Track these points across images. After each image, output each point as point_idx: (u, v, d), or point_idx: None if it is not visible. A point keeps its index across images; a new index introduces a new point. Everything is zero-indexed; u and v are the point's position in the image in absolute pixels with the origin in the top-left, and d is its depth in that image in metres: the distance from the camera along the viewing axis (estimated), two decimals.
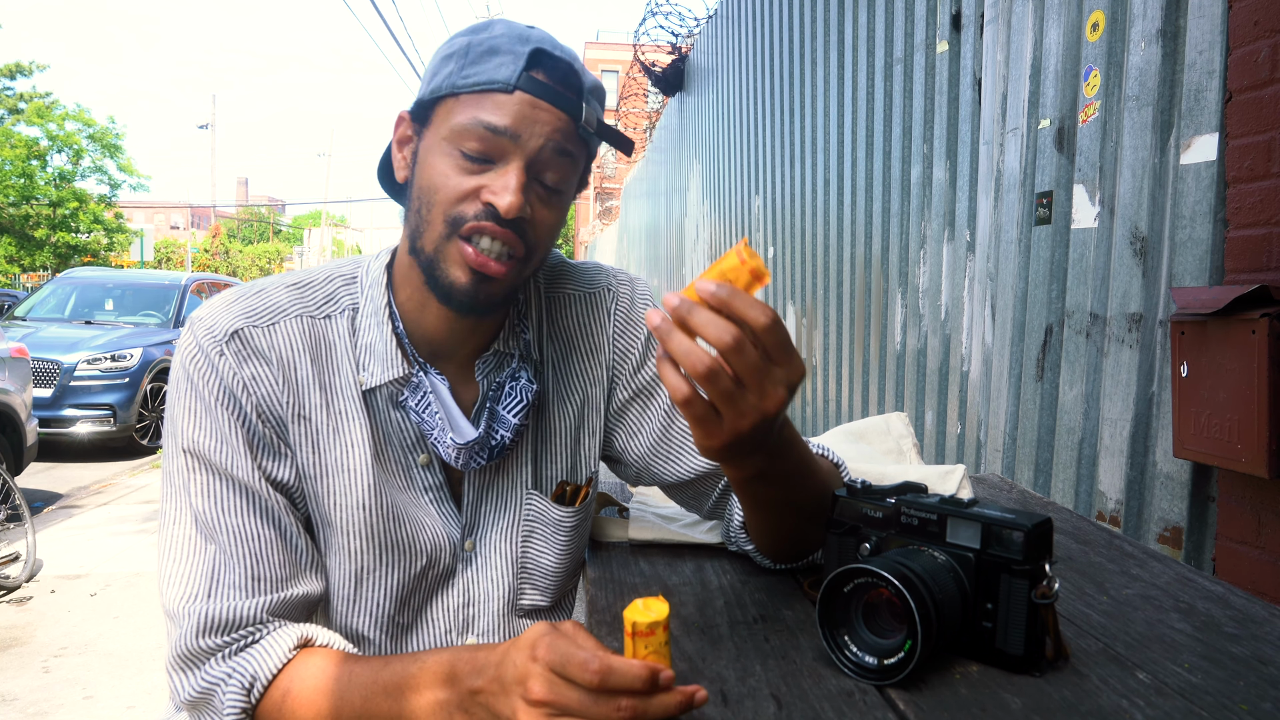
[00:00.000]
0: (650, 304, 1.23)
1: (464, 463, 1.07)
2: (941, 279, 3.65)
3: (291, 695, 0.90)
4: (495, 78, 0.97)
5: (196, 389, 0.99)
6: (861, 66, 4.47)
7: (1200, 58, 2.17)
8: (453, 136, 0.98)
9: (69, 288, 10.24)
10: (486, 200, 0.98)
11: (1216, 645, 0.94)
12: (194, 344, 1.00)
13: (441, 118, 1.00)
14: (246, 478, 0.99)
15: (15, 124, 23.90)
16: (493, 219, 0.98)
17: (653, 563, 1.21)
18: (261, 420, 1.01)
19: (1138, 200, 2.39)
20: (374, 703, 0.86)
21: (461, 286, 1.00)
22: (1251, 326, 1.92)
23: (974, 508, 0.90)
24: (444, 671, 0.83)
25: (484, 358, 1.11)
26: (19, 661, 3.71)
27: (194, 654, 0.94)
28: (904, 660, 0.81)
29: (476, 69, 0.98)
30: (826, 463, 1.13)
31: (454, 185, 0.98)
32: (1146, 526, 2.37)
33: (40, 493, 6.81)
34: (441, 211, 0.99)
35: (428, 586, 1.12)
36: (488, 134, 0.97)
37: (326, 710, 0.89)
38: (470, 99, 0.98)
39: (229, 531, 0.97)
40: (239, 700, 0.91)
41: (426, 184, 1.00)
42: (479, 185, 0.98)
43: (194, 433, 0.99)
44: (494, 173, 0.99)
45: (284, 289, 1.07)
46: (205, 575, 0.96)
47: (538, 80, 0.98)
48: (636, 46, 11.23)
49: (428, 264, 1.02)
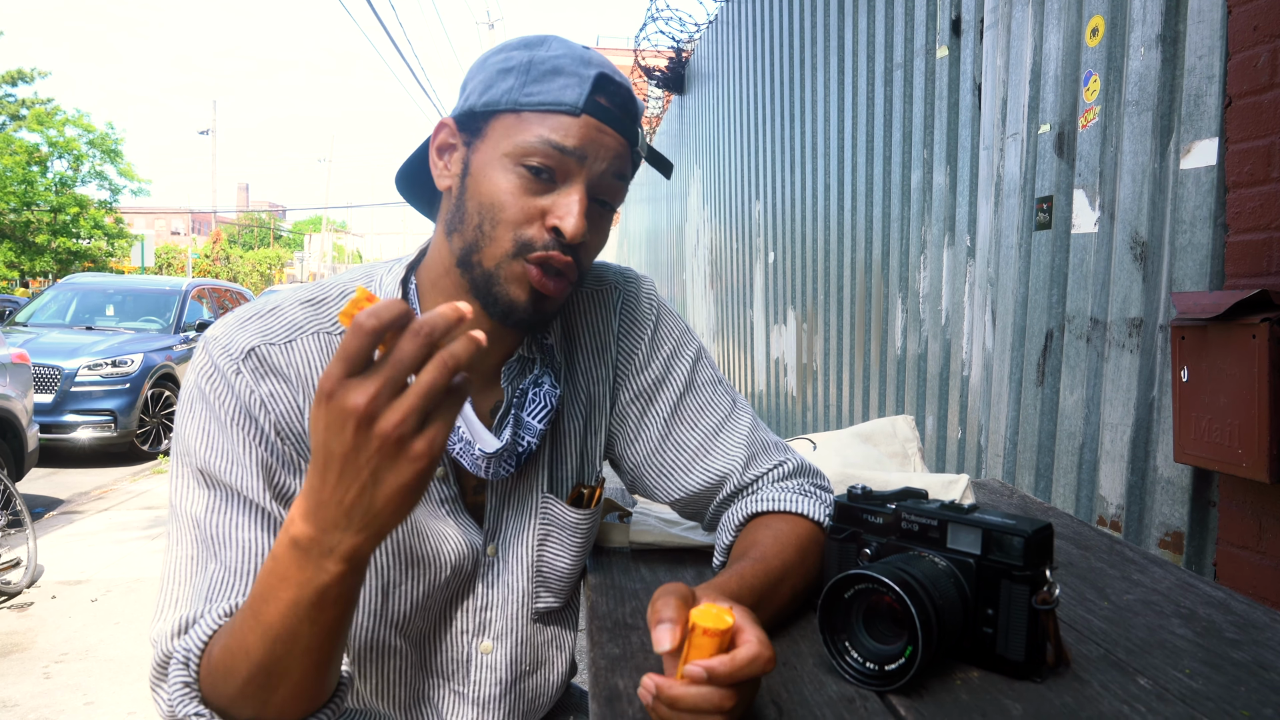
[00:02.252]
0: (655, 301, 1.24)
1: (492, 472, 1.07)
2: (942, 284, 3.66)
3: (214, 655, 0.87)
4: (562, 99, 0.98)
5: (211, 409, 0.98)
6: (861, 72, 4.48)
7: (1200, 63, 2.17)
8: (516, 153, 0.99)
9: (70, 293, 10.24)
10: (552, 224, 0.99)
11: (1218, 651, 0.94)
12: (209, 363, 0.99)
13: (501, 133, 1.00)
14: (258, 498, 0.97)
15: (17, 130, 23.93)
16: (559, 248, 1.00)
17: (654, 568, 1.21)
18: (281, 438, 0.99)
19: (1138, 205, 2.39)
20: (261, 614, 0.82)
21: (521, 305, 1.02)
22: (1252, 331, 1.92)
23: (974, 513, 0.90)
24: (283, 540, 0.78)
25: (509, 364, 1.11)
26: (20, 667, 3.71)
27: (165, 658, 0.92)
28: (905, 666, 0.81)
29: (540, 87, 0.99)
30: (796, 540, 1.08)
31: (521, 205, 0.99)
32: (1147, 532, 2.37)
33: (41, 498, 6.80)
34: (509, 231, 1.00)
35: (450, 594, 1.12)
36: (555, 153, 0.98)
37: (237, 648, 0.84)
38: (534, 117, 0.99)
39: (237, 546, 0.95)
40: (180, 675, 0.88)
41: (489, 200, 1.00)
42: (543, 207, 1.00)
43: (206, 453, 0.97)
44: (558, 193, 1.00)
45: (298, 306, 1.06)
46: (202, 594, 0.93)
47: (601, 105, 1.00)
48: (637, 52, 11.23)
49: (484, 279, 1.02)
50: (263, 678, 0.83)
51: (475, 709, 1.15)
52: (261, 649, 0.81)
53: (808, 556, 1.07)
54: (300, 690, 0.85)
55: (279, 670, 0.83)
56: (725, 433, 1.19)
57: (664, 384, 1.21)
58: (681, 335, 1.24)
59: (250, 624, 0.82)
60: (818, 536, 1.10)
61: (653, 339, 1.22)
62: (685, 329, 1.25)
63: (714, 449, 1.18)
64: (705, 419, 1.20)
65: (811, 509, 1.13)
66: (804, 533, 1.10)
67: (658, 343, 1.22)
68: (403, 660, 1.12)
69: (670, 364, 1.21)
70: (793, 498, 1.14)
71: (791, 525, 1.10)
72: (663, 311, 1.24)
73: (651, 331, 1.22)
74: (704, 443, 1.18)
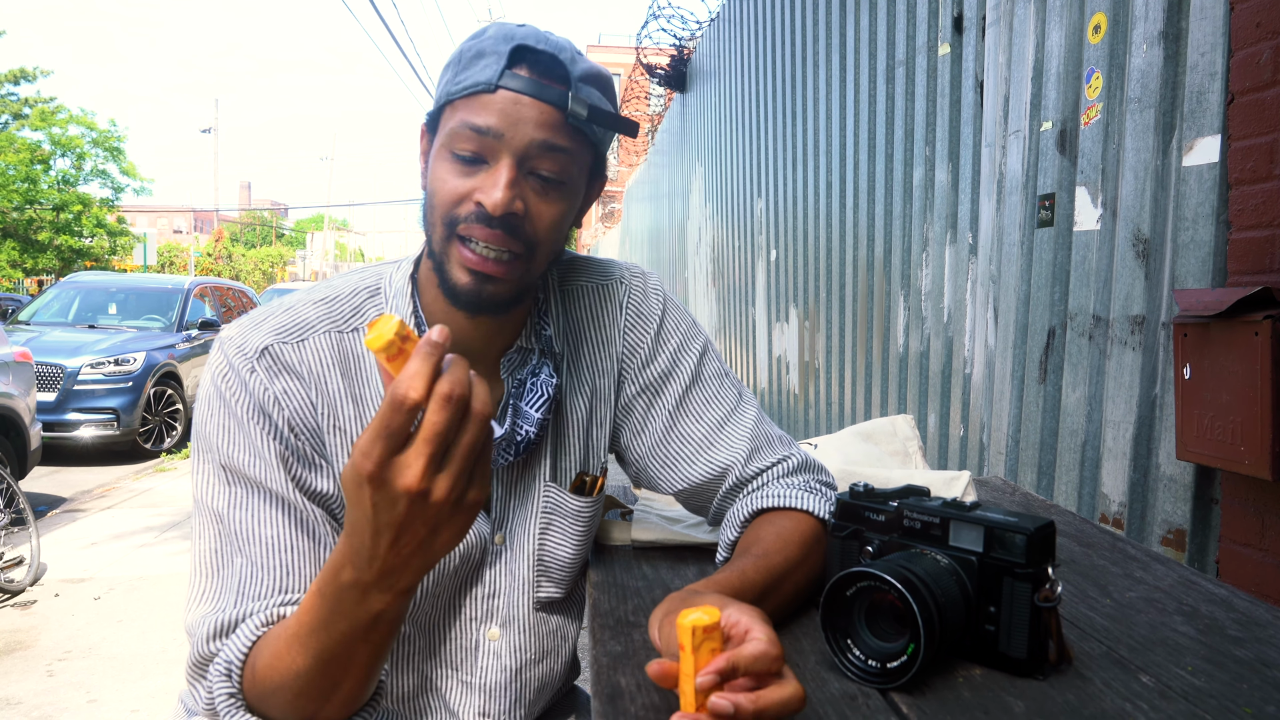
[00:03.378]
0: (661, 295, 1.24)
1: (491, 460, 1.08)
2: (944, 281, 3.65)
3: (258, 670, 0.90)
4: (479, 79, 1.00)
5: (229, 406, 1.00)
6: (863, 69, 4.48)
7: (1202, 60, 2.17)
8: (448, 141, 1.01)
9: (72, 292, 10.26)
10: (477, 200, 1.00)
11: (1220, 648, 0.94)
12: (224, 362, 1.02)
13: (442, 125, 1.03)
14: (282, 490, 1.00)
15: (19, 129, 23.96)
16: (482, 220, 1.00)
17: (655, 566, 1.21)
18: (295, 434, 1.02)
19: (1140, 202, 2.39)
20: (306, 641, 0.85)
21: (465, 287, 1.02)
22: (1254, 328, 1.92)
23: (976, 511, 0.90)
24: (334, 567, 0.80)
25: (508, 355, 1.13)
26: (23, 665, 3.72)
27: (204, 659, 0.95)
28: (907, 664, 0.81)
29: (466, 73, 1.01)
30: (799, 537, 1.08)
31: (450, 188, 1.01)
32: (1149, 529, 2.37)
33: (44, 497, 6.81)
34: (440, 214, 1.02)
35: (459, 581, 1.14)
36: (474, 135, 0.99)
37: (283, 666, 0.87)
38: (462, 103, 1.01)
39: (262, 543, 0.98)
40: (223, 687, 0.91)
41: (432, 190, 1.03)
42: (472, 187, 1.00)
43: (228, 448, 1.00)
44: (485, 173, 1.01)
45: (311, 305, 1.09)
46: (232, 588, 0.96)
47: (519, 76, 1.00)
48: (639, 49, 11.23)
49: (438, 266, 1.05)
50: (315, 692, 0.87)
51: (481, 696, 1.16)
52: (315, 669, 0.85)
53: (810, 553, 1.07)
54: (350, 699, 0.89)
55: (331, 685, 0.87)
56: (730, 425, 1.20)
57: (670, 377, 1.21)
58: (688, 329, 1.24)
59: (299, 648, 0.85)
60: (821, 533, 1.10)
61: (659, 333, 1.22)
62: (692, 322, 1.26)
63: (718, 441, 1.19)
64: (710, 411, 1.20)
65: (815, 505, 1.13)
66: (807, 529, 1.10)
67: (664, 336, 1.22)
68: (411, 648, 1.14)
69: (677, 357, 1.22)
70: (797, 494, 1.14)
71: (795, 522, 1.10)
72: (669, 305, 1.24)
73: (658, 325, 1.22)
74: (708, 435, 1.19)
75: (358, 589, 0.78)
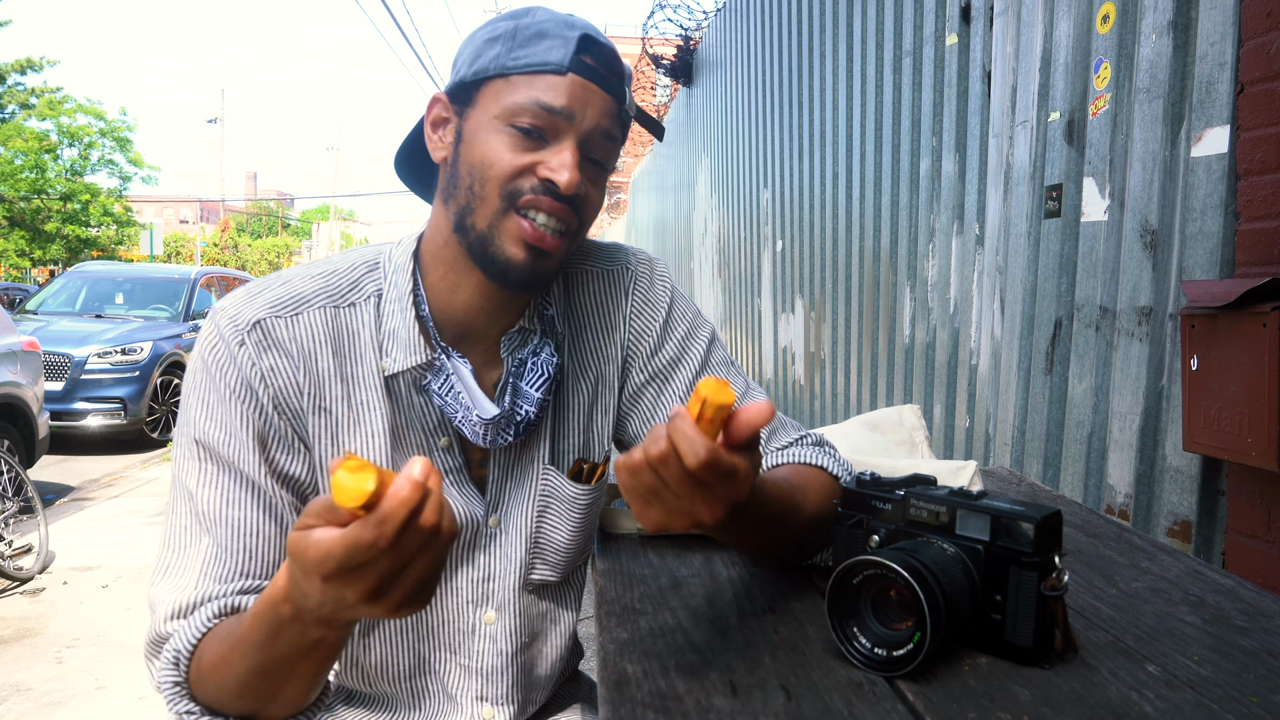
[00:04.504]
0: (668, 284, 1.25)
1: (491, 439, 1.09)
2: (950, 272, 3.64)
3: (203, 665, 0.91)
4: (549, 59, 1.00)
5: (213, 379, 1.00)
6: (870, 59, 4.46)
7: (1212, 49, 2.16)
8: (506, 115, 1.01)
9: (80, 282, 10.29)
10: (544, 176, 1.00)
11: (1226, 638, 0.94)
12: (215, 333, 1.02)
13: (490, 98, 1.02)
14: (252, 472, 1.00)
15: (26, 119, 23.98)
16: (550, 194, 1.01)
17: (662, 554, 1.21)
18: (278, 412, 1.02)
19: (1148, 193, 2.38)
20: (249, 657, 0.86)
21: (519, 262, 1.02)
22: (1262, 320, 1.91)
23: (983, 500, 0.90)
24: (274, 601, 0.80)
25: (509, 335, 1.13)
26: (32, 652, 3.74)
27: (160, 638, 0.96)
28: (913, 652, 0.81)
29: (526, 50, 1.01)
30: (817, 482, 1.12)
31: (509, 161, 1.01)
32: (1156, 521, 2.36)
33: (52, 485, 6.84)
34: (497, 186, 1.01)
35: (452, 564, 1.14)
36: (543, 112, 1.00)
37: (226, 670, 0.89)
38: (522, 79, 1.01)
39: (229, 524, 0.98)
40: (169, 674, 0.93)
41: (479, 160, 1.02)
42: (534, 161, 1.01)
43: (205, 423, 1.00)
44: (549, 150, 1.01)
45: (308, 278, 1.08)
46: (194, 567, 0.97)
47: (587, 64, 1.02)
48: (644, 40, 11.19)
49: (479, 241, 1.03)
50: (256, 695, 0.89)
51: (480, 680, 1.16)
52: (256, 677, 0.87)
53: (822, 490, 1.10)
54: (292, 703, 0.92)
55: (273, 691, 0.89)
56: None
57: (679, 366, 1.21)
58: (695, 318, 1.25)
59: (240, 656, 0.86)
60: (834, 488, 1.12)
61: (666, 322, 1.22)
62: (698, 311, 1.26)
63: None
64: None
65: (829, 464, 1.15)
66: (825, 477, 1.13)
67: (671, 325, 1.22)
68: (407, 632, 1.14)
69: (685, 345, 1.22)
70: (811, 454, 1.16)
71: (813, 470, 1.14)
72: (676, 295, 1.24)
73: (665, 315, 1.22)
74: None
75: (298, 623, 0.79)
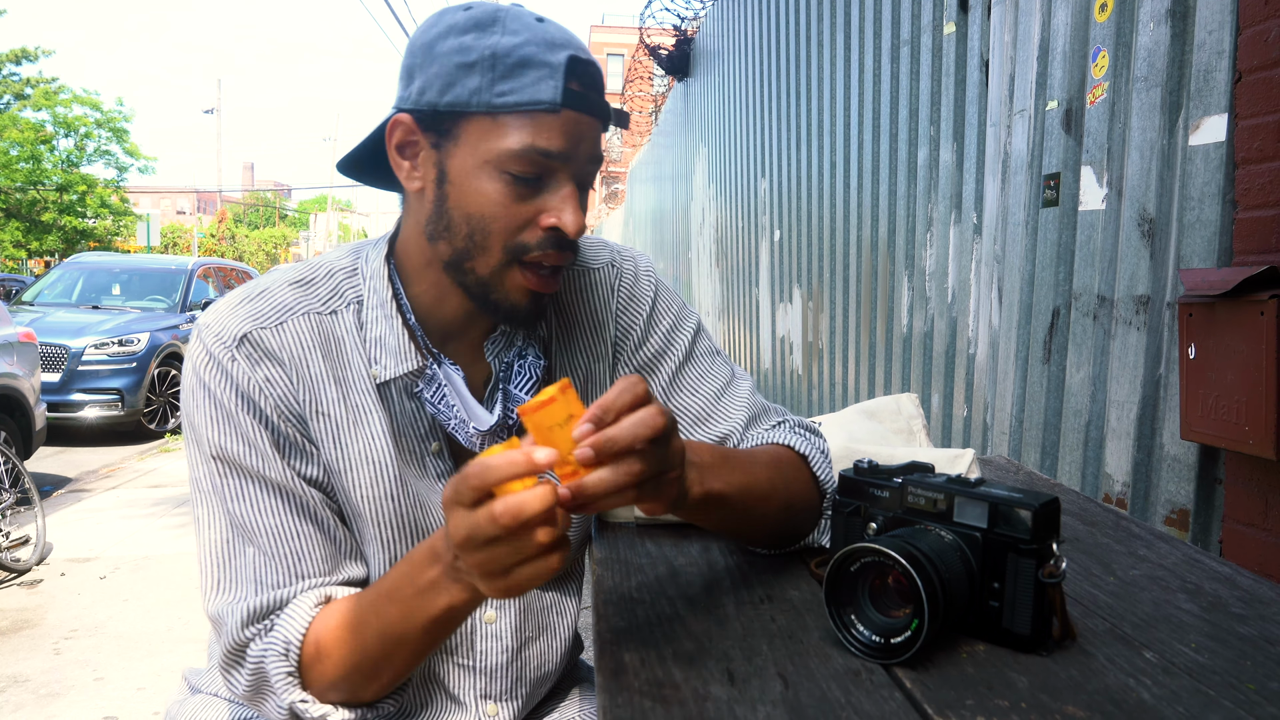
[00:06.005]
0: (652, 277, 1.24)
1: (483, 445, 1.09)
2: (948, 261, 3.64)
3: (321, 644, 0.94)
4: (539, 98, 0.93)
5: (214, 396, 0.99)
6: (868, 48, 4.45)
7: (1210, 38, 2.15)
8: (499, 161, 0.95)
9: (76, 273, 10.27)
10: (549, 225, 0.98)
11: (1223, 625, 0.94)
12: (204, 352, 1.00)
13: (475, 136, 0.96)
14: (279, 477, 1.00)
15: (22, 109, 23.89)
16: (555, 245, 0.99)
17: (659, 543, 1.21)
18: (282, 420, 1.01)
19: (1146, 182, 2.38)
20: (385, 613, 0.91)
21: (523, 308, 1.02)
22: (1260, 308, 1.91)
23: (981, 487, 0.90)
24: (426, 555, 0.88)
25: (492, 338, 1.12)
26: (30, 643, 3.74)
27: (239, 646, 0.97)
28: (910, 639, 0.81)
29: (511, 85, 0.93)
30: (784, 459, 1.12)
31: (512, 213, 0.97)
32: (1153, 509, 2.37)
33: (49, 476, 6.84)
34: (501, 240, 0.98)
35: None
36: (540, 158, 0.95)
37: (351, 640, 0.93)
38: (512, 120, 0.94)
39: (268, 533, 0.99)
40: (281, 666, 0.94)
41: (477, 211, 0.97)
42: (536, 210, 0.98)
43: (220, 439, 0.99)
44: (547, 193, 0.98)
45: (287, 287, 1.06)
46: (249, 577, 0.98)
47: (577, 93, 0.95)
48: (642, 30, 11.15)
49: (480, 285, 1.01)
50: (369, 670, 0.93)
51: (482, 679, 1.16)
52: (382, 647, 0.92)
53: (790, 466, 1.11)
54: (394, 680, 0.96)
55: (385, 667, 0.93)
56: (726, 398, 1.21)
57: (664, 356, 1.21)
58: (680, 309, 1.25)
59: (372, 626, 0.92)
60: (798, 464, 1.13)
61: (651, 315, 1.22)
62: (683, 303, 1.26)
63: (715, 413, 1.20)
64: (705, 386, 1.21)
65: (797, 443, 1.15)
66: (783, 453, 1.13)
67: (656, 318, 1.22)
68: None
69: (670, 336, 1.22)
70: (784, 435, 1.17)
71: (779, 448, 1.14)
72: (660, 288, 1.24)
73: (650, 308, 1.22)
74: (705, 407, 1.20)
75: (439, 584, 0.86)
